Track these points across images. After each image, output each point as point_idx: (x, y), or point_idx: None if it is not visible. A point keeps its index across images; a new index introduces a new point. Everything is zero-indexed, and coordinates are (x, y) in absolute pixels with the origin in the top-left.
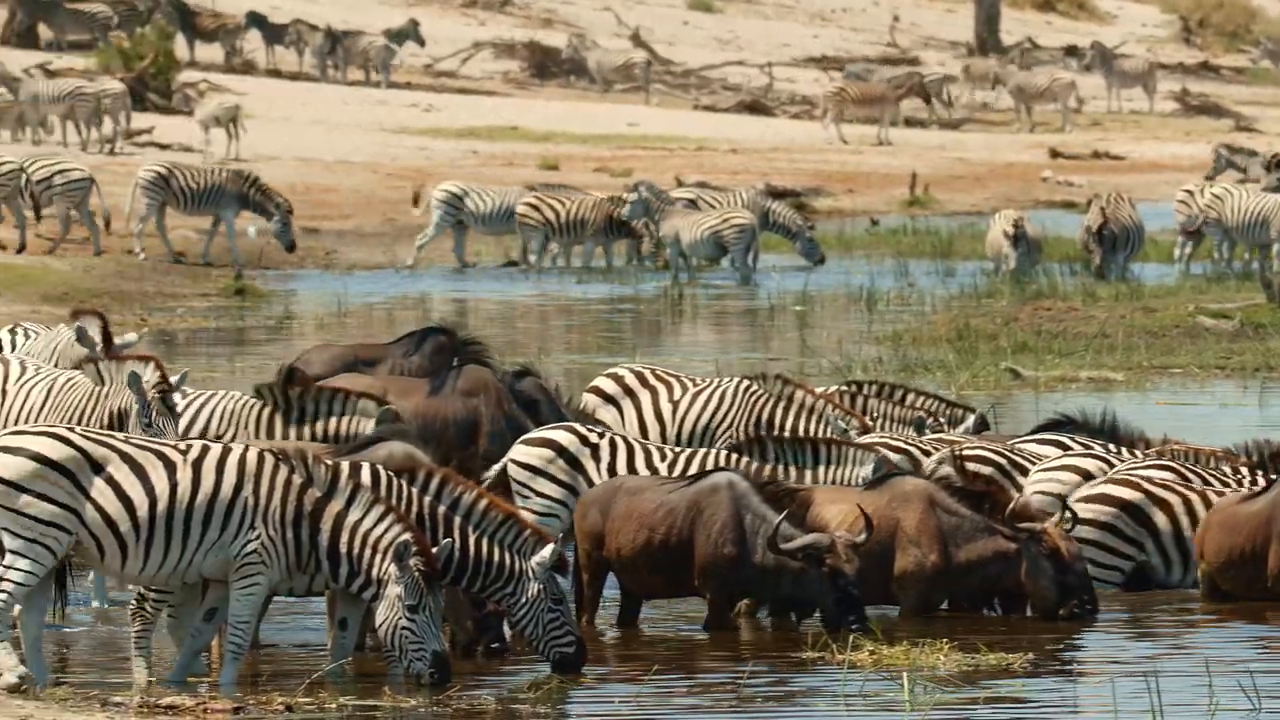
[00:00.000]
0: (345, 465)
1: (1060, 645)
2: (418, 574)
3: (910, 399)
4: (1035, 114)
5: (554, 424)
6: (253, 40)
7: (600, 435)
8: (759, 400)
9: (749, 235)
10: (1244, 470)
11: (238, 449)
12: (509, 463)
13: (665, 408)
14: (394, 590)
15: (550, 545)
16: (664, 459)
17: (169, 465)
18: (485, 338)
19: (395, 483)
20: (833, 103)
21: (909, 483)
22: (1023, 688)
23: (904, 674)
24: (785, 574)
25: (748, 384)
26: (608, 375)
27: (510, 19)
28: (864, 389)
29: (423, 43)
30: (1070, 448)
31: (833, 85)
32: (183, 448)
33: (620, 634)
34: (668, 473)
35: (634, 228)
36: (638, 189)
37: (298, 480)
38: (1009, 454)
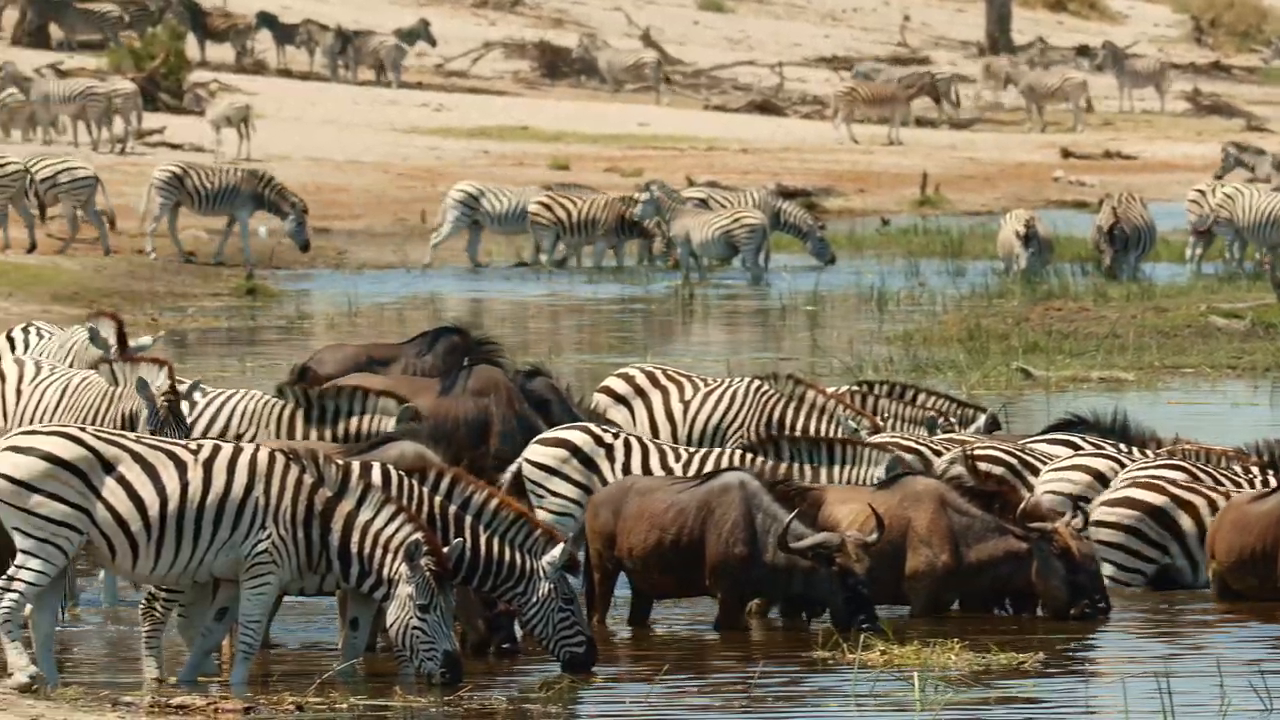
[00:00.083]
0: (356, 465)
1: (1071, 645)
2: (429, 574)
3: (921, 399)
4: (1046, 114)
5: (568, 424)
6: (263, 40)
7: (615, 435)
8: (770, 400)
9: (760, 235)
10: (1255, 470)
11: (249, 449)
12: (523, 462)
13: (676, 408)
14: (405, 590)
15: (560, 545)
16: (678, 459)
17: (180, 465)
18: (496, 337)
19: (406, 482)
20: (843, 102)
21: (920, 483)
22: (1034, 688)
23: (915, 674)
24: (796, 573)
25: (759, 384)
26: (619, 375)
27: (521, 19)
28: (875, 389)
29: (433, 42)
30: (1081, 448)
31: (843, 85)
32: (194, 447)
33: (631, 634)
34: (682, 473)
35: (645, 227)
36: (649, 189)
37: (309, 480)
38: (1020, 454)
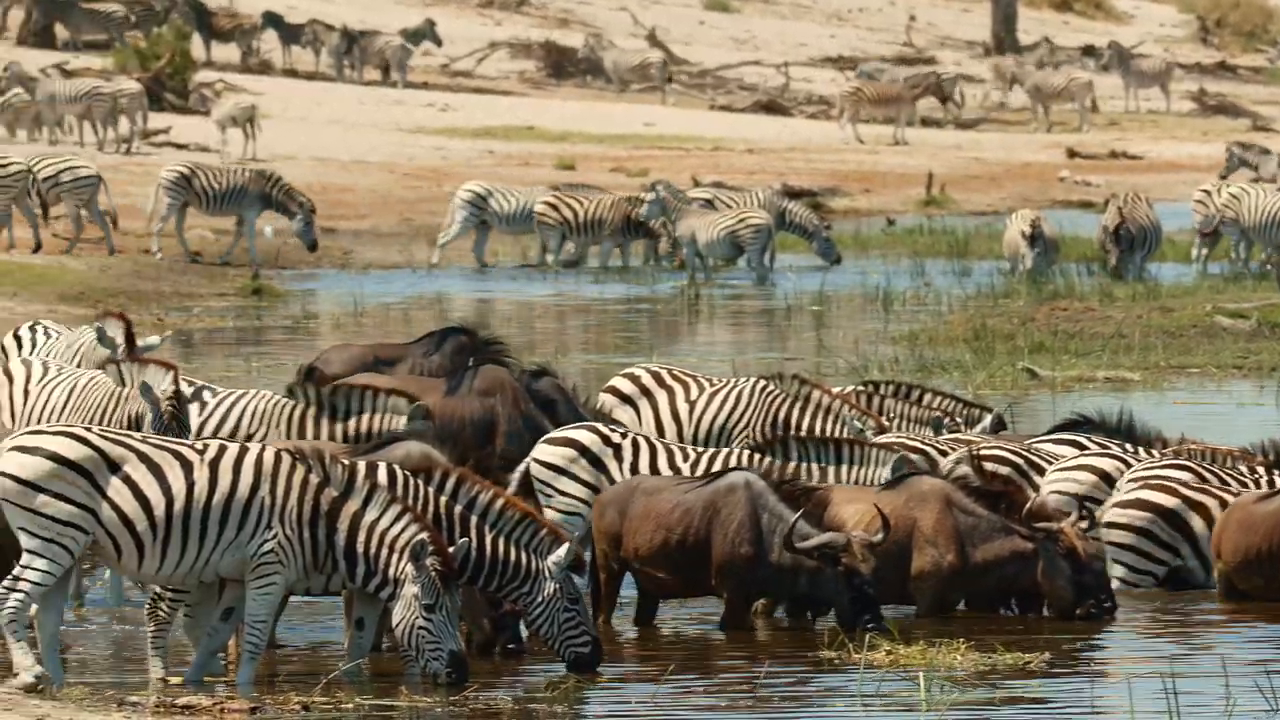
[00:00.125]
0: (362, 465)
1: (1077, 645)
2: (434, 573)
3: (927, 399)
4: (1052, 114)
5: (577, 424)
6: (269, 40)
7: (623, 435)
8: (775, 400)
9: (765, 235)
10: (1261, 469)
11: (254, 448)
12: (532, 462)
13: (682, 408)
14: (411, 590)
15: (566, 544)
16: (686, 459)
17: (186, 465)
18: (503, 338)
19: (412, 482)
20: (849, 102)
21: (926, 482)
22: (1039, 687)
23: (920, 674)
24: (802, 573)
25: (764, 384)
26: (624, 375)
27: (527, 19)
28: (881, 389)
29: (439, 42)
30: (1087, 447)
31: (849, 85)
32: (199, 447)
33: (637, 634)
34: (690, 473)
35: (651, 228)
36: (655, 188)
37: (315, 480)
38: (1026, 454)
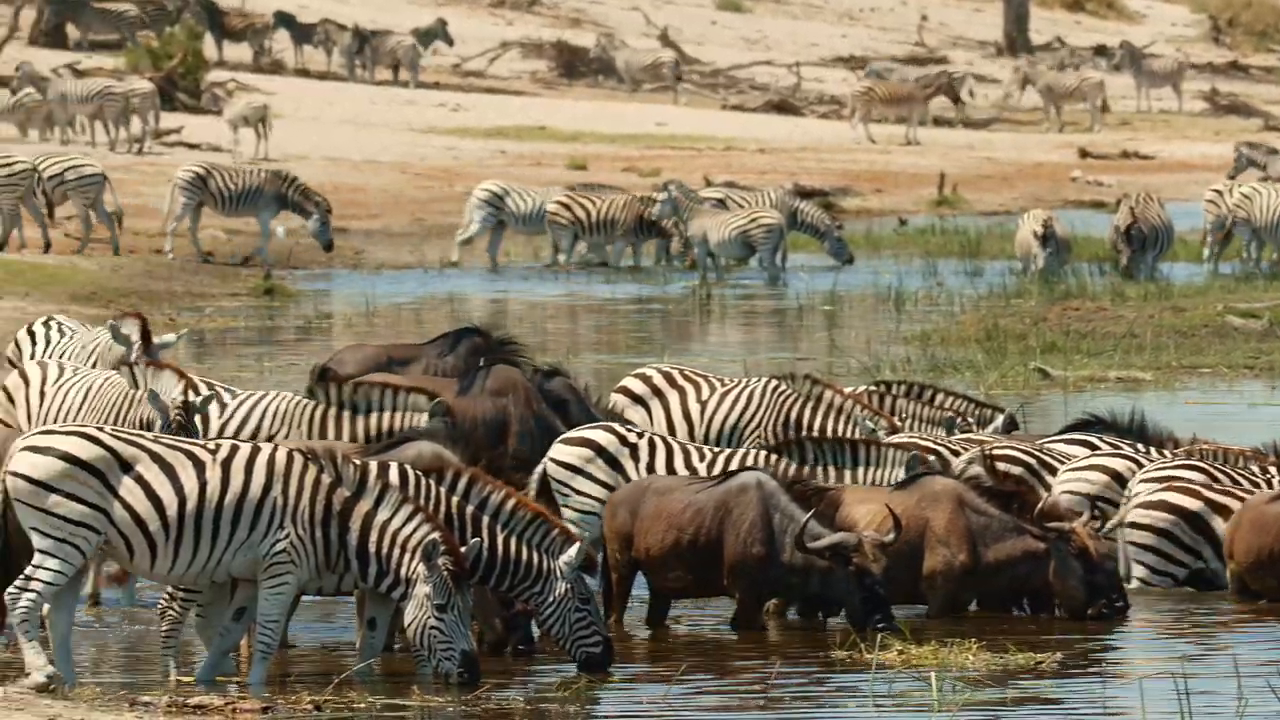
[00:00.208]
0: (374, 465)
1: (1089, 645)
2: (446, 573)
3: (939, 399)
4: (1064, 114)
5: (593, 423)
6: (281, 40)
7: (639, 435)
8: (787, 400)
9: (777, 235)
10: (1273, 470)
11: (266, 448)
12: (548, 462)
13: (693, 408)
14: (423, 589)
15: (577, 544)
16: (702, 459)
17: (198, 465)
18: (515, 338)
19: (424, 482)
20: (861, 102)
21: (938, 483)
22: (1051, 688)
23: (932, 674)
24: (813, 573)
25: (776, 384)
26: (636, 375)
27: (538, 18)
28: (892, 389)
29: (451, 42)
30: (1099, 447)
31: (861, 85)
32: (211, 447)
33: (649, 634)
34: (706, 472)
35: (664, 227)
36: (667, 188)
37: (327, 480)
38: (1038, 454)
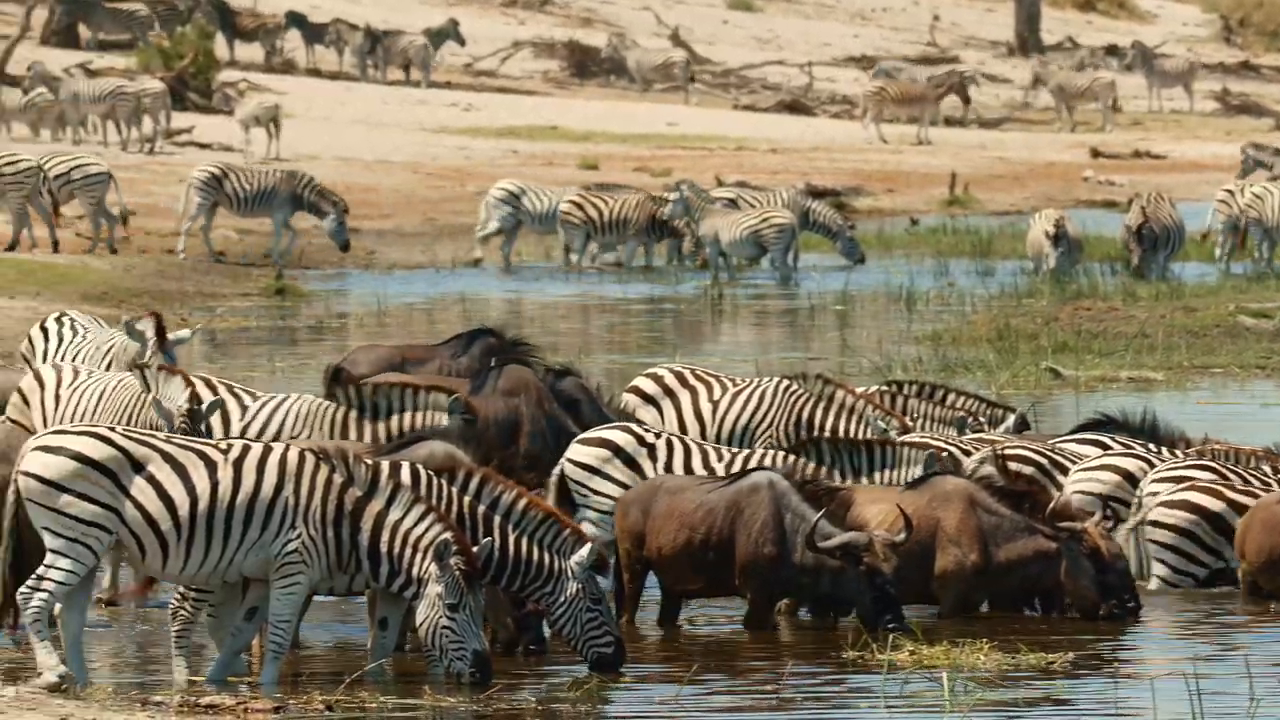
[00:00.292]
0: (385, 465)
1: (1101, 645)
2: (458, 573)
3: (950, 399)
4: (1076, 113)
5: (611, 424)
6: (292, 40)
7: (657, 435)
8: (799, 400)
9: (789, 235)
10: None
11: (278, 448)
12: (566, 462)
13: (705, 408)
14: (434, 589)
15: (589, 544)
16: (720, 459)
17: (210, 465)
18: (526, 337)
19: (435, 482)
20: (872, 102)
21: (949, 482)
22: (1063, 688)
23: (944, 674)
24: (824, 573)
25: (788, 384)
26: (647, 375)
27: (550, 18)
28: (904, 389)
29: (463, 42)
30: (1110, 447)
31: (872, 84)
32: (223, 447)
33: (661, 633)
34: (724, 473)
35: (676, 227)
36: (679, 188)
37: (338, 480)
38: (1049, 454)
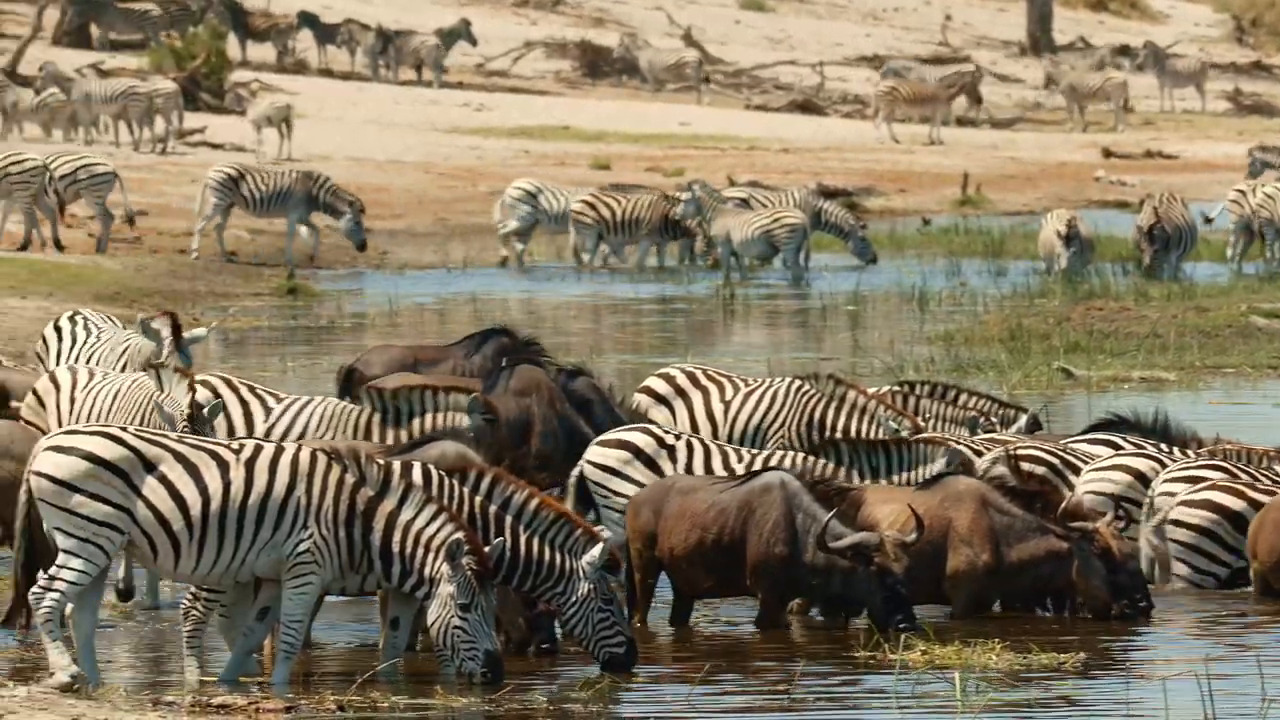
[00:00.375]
0: (397, 465)
1: (1112, 645)
2: (470, 573)
3: (963, 399)
4: (1087, 113)
5: (631, 425)
6: (305, 40)
7: (677, 437)
8: (811, 400)
9: (800, 234)
10: None
11: (290, 448)
12: (585, 464)
13: (717, 408)
14: (446, 589)
15: (600, 545)
16: (740, 460)
17: (222, 465)
18: (539, 337)
19: (447, 482)
20: (884, 102)
21: (961, 482)
22: (1075, 687)
23: (956, 674)
24: (835, 573)
25: (799, 384)
26: (659, 375)
27: (562, 18)
28: (916, 389)
29: (474, 42)
30: (1122, 447)
31: (884, 84)
32: (235, 447)
33: (672, 634)
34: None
35: (688, 227)
36: (691, 188)
37: (350, 480)
38: (1061, 454)
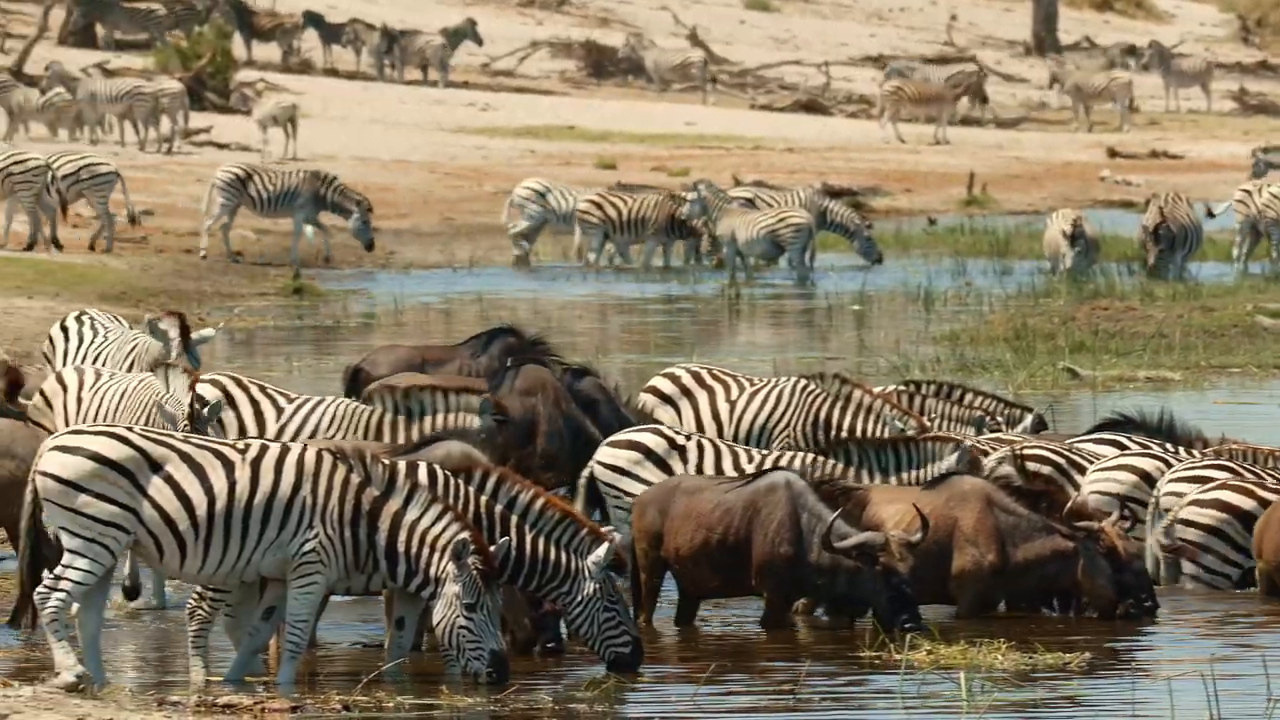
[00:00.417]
0: (402, 465)
1: (1117, 645)
2: (475, 573)
3: (968, 399)
4: (1093, 113)
5: (642, 426)
6: (310, 39)
7: (688, 437)
8: (816, 400)
9: (806, 234)
10: None
11: (296, 448)
12: (596, 465)
13: (722, 407)
14: (452, 589)
15: (606, 544)
16: (750, 461)
17: (227, 464)
18: (544, 337)
19: (452, 482)
20: (890, 102)
21: (967, 482)
22: (1080, 687)
23: (961, 674)
24: (840, 573)
25: (805, 384)
26: (665, 375)
27: (567, 18)
28: (922, 389)
29: (480, 42)
30: (1128, 447)
31: (890, 84)
32: (241, 447)
33: (678, 634)
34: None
35: (694, 227)
36: (697, 188)
37: (356, 479)
38: (1067, 453)
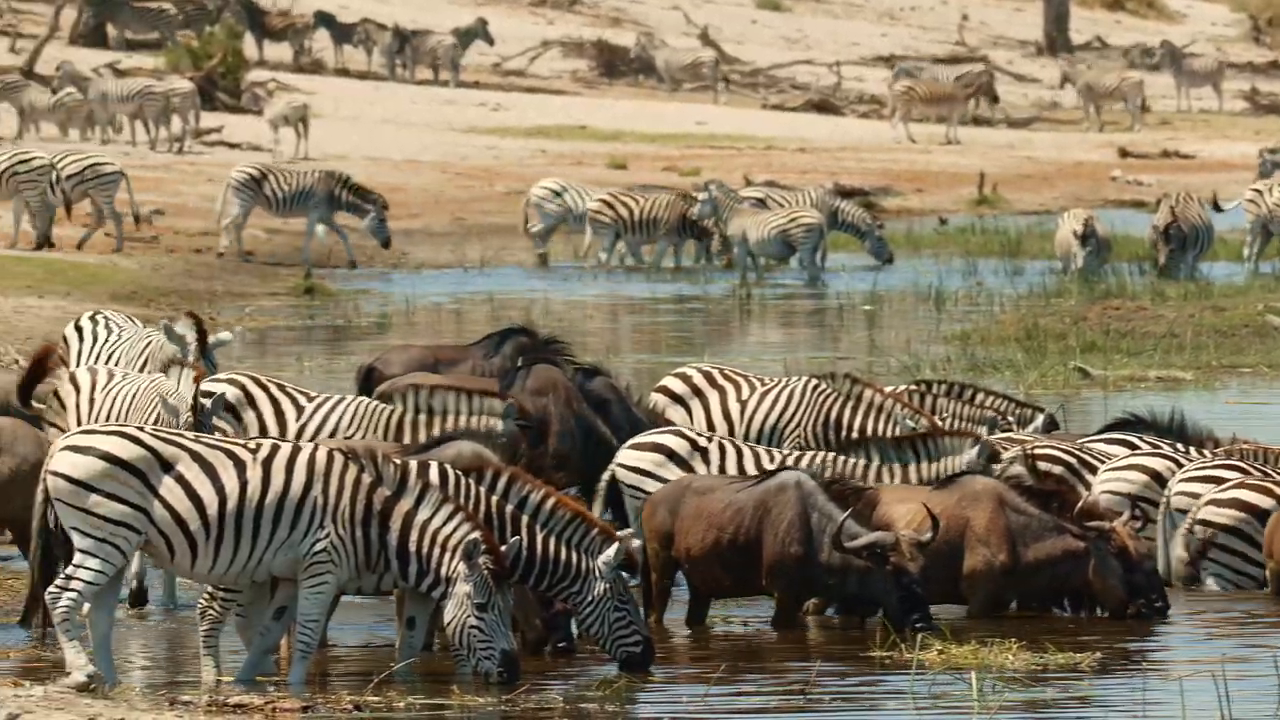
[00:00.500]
0: (414, 464)
1: (1128, 645)
2: (486, 572)
3: (979, 398)
4: (1104, 113)
5: (664, 428)
6: (321, 39)
7: (709, 439)
8: (827, 400)
9: (817, 234)
10: None
11: (307, 448)
12: (617, 467)
13: (733, 407)
14: (463, 589)
15: (617, 544)
16: (772, 461)
17: (239, 464)
18: (559, 336)
19: (463, 481)
20: (901, 101)
21: (978, 482)
22: (1091, 687)
23: (973, 673)
24: (851, 573)
25: (816, 383)
26: (676, 375)
27: (579, 18)
28: (933, 388)
29: (491, 42)
30: (1139, 447)
31: (901, 84)
32: (252, 446)
33: (689, 633)
34: None
35: (706, 227)
36: (708, 188)
37: (367, 479)
38: (1078, 453)
